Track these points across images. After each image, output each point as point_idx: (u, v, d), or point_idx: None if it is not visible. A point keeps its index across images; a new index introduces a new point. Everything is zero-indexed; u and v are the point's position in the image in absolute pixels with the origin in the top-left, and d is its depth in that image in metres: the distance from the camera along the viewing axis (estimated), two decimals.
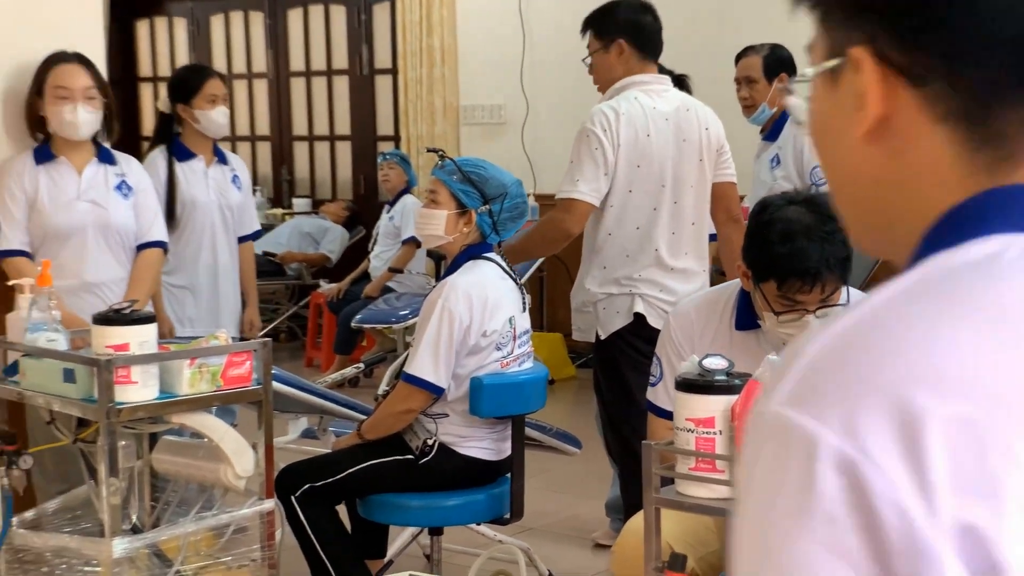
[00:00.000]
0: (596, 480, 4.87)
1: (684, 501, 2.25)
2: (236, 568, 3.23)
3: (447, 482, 3.59)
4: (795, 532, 0.73)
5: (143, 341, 2.85)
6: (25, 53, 3.91)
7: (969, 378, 0.74)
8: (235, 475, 3.03)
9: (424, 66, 8.65)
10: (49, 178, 3.86)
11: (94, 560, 3.01)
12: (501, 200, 3.56)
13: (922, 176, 0.85)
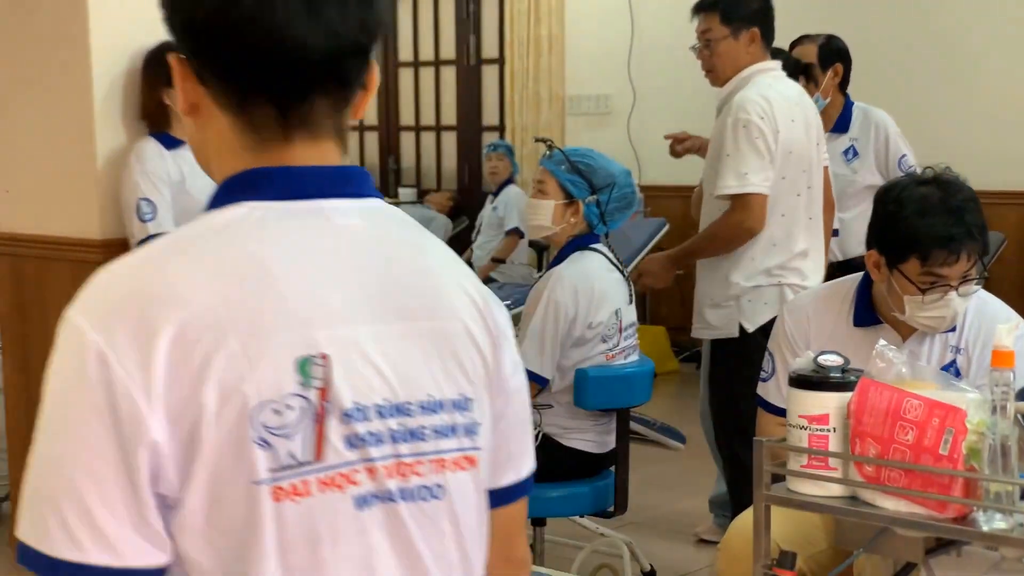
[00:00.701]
0: (699, 475, 4.82)
1: (795, 498, 2.20)
2: None
3: (550, 473, 3.57)
4: (71, 395, 1.13)
5: None
6: (134, 43, 3.98)
7: (189, 300, 1.13)
8: None
9: (531, 56, 8.64)
10: (184, 161, 3.94)
11: None
12: (609, 190, 3.53)
13: (221, 147, 1.27)
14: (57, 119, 4.05)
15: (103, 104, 3.95)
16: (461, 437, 1.26)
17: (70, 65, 3.98)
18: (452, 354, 1.26)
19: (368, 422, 1.19)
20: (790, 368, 2.26)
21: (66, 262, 4.06)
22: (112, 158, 3.99)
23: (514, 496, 1.38)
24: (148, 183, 3.88)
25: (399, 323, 1.23)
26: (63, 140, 4.05)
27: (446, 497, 1.24)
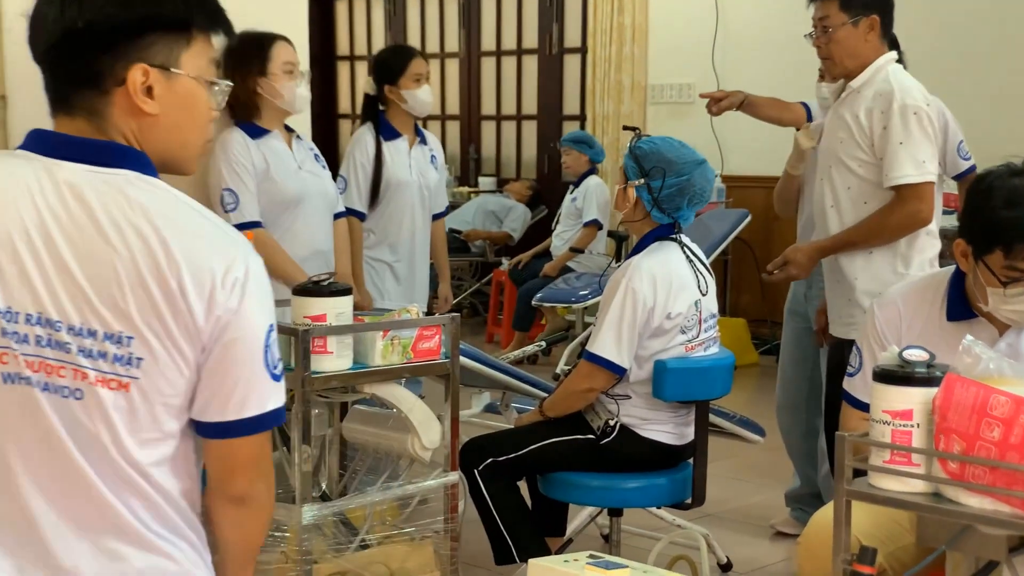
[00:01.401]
0: (777, 469, 4.79)
1: (876, 494, 2.19)
2: (419, 539, 3.28)
3: (628, 464, 3.58)
4: None
5: (339, 312, 2.92)
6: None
7: None
8: (422, 446, 3.08)
9: (614, 44, 8.61)
10: (269, 150, 3.99)
11: (283, 525, 3.09)
12: (662, 175, 3.50)
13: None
14: None
15: None
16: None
17: None
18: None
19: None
20: (876, 363, 2.24)
21: None
22: None
23: (222, 433, 1.61)
24: (231, 173, 3.92)
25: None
26: None
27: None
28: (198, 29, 1.66)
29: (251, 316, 1.59)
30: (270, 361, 1.61)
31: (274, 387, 1.62)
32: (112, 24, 1.59)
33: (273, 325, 1.63)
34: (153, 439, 1.60)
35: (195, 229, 1.60)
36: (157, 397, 1.58)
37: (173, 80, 1.64)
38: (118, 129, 1.63)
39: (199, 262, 1.57)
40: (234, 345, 1.59)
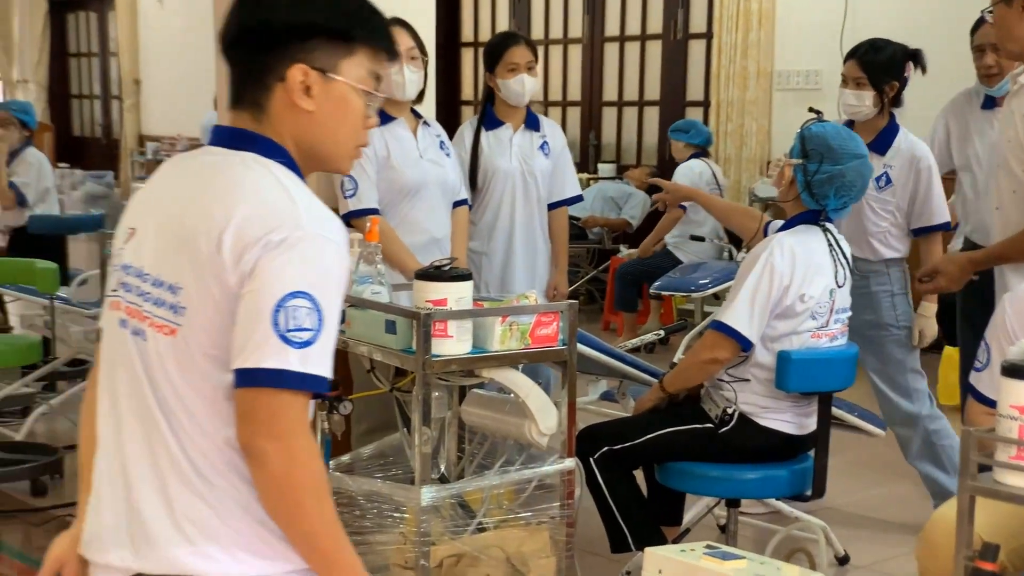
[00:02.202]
0: (898, 463, 4.70)
1: (1001, 490, 2.15)
2: (535, 524, 3.30)
3: (746, 454, 3.55)
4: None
5: (460, 297, 2.95)
6: None
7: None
8: (539, 432, 3.10)
9: (740, 30, 8.52)
10: (392, 137, 4.04)
11: (403, 506, 3.14)
12: (819, 160, 3.47)
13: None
14: None
15: None
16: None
17: None
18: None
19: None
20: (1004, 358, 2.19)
21: None
22: None
23: (235, 381, 1.69)
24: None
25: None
26: None
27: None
28: (360, 41, 1.81)
29: (270, 275, 1.67)
30: (280, 322, 1.65)
31: (279, 347, 1.65)
32: (281, 25, 1.77)
33: (302, 293, 1.66)
34: (203, 387, 1.72)
35: (262, 197, 1.72)
36: (197, 346, 1.71)
37: (330, 83, 1.79)
38: (276, 121, 1.80)
39: (245, 224, 1.69)
40: (247, 297, 1.68)
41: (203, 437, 1.73)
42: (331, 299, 1.70)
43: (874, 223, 4.34)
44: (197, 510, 1.73)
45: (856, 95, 4.32)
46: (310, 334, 1.66)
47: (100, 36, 15.43)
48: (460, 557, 3.18)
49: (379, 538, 3.26)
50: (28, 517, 4.51)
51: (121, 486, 1.79)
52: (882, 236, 4.36)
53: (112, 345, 1.84)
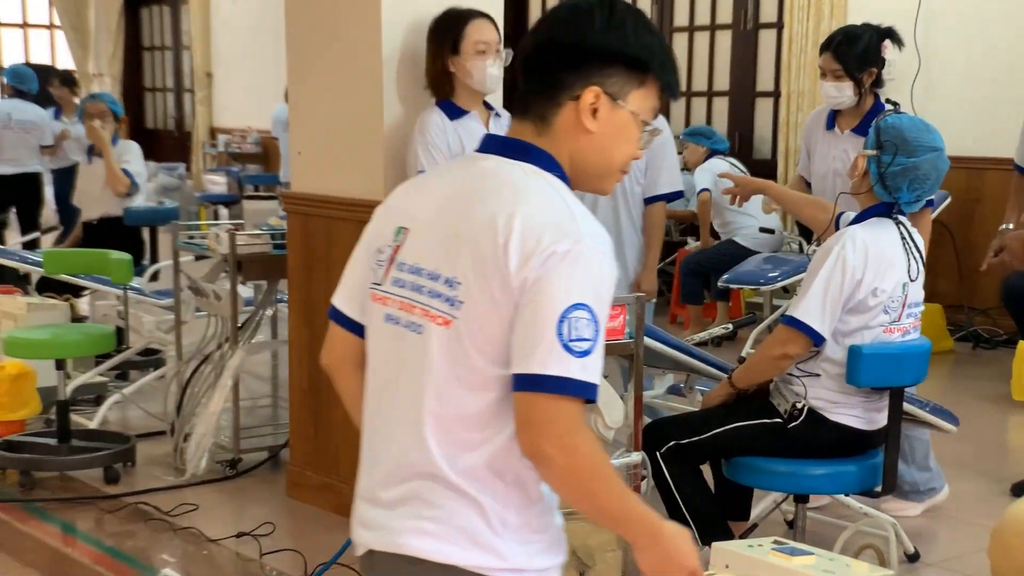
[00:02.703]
0: (969, 459, 4.64)
1: None
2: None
3: (815, 449, 3.52)
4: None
5: None
6: (423, 13, 4.10)
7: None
8: (605, 425, 3.09)
9: (811, 20, 8.43)
10: (465, 131, 4.04)
11: None
12: (893, 152, 3.43)
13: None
14: (348, 87, 4.24)
15: (390, 73, 4.10)
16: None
17: (361, 35, 4.14)
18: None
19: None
20: None
21: (351, 222, 4.25)
22: (397, 124, 4.14)
23: (514, 385, 1.76)
24: (426, 155, 3.96)
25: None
26: (352, 107, 4.23)
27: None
28: (653, 75, 1.90)
29: (555, 286, 1.74)
30: (564, 332, 1.72)
31: (563, 356, 1.73)
32: (591, 47, 1.85)
33: (583, 305, 1.74)
34: (470, 382, 1.81)
35: (543, 206, 1.80)
36: (471, 340, 1.79)
37: (617, 110, 1.87)
38: (558, 137, 1.88)
39: (529, 232, 1.76)
40: (532, 306, 1.74)
41: (466, 428, 1.82)
42: (605, 310, 1.79)
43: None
44: (460, 507, 1.82)
45: (836, 87, 4.38)
46: (589, 344, 1.75)
47: (173, 30, 15.63)
48: None
49: None
50: (101, 504, 4.58)
51: (396, 472, 1.88)
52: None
53: (379, 338, 1.93)
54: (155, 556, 4.09)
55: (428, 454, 1.83)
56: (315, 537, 4.22)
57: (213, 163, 14.21)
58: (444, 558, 1.82)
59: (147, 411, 5.69)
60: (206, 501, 4.60)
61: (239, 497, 4.72)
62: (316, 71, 4.35)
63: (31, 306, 5.67)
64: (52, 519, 4.46)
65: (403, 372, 1.87)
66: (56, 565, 4.21)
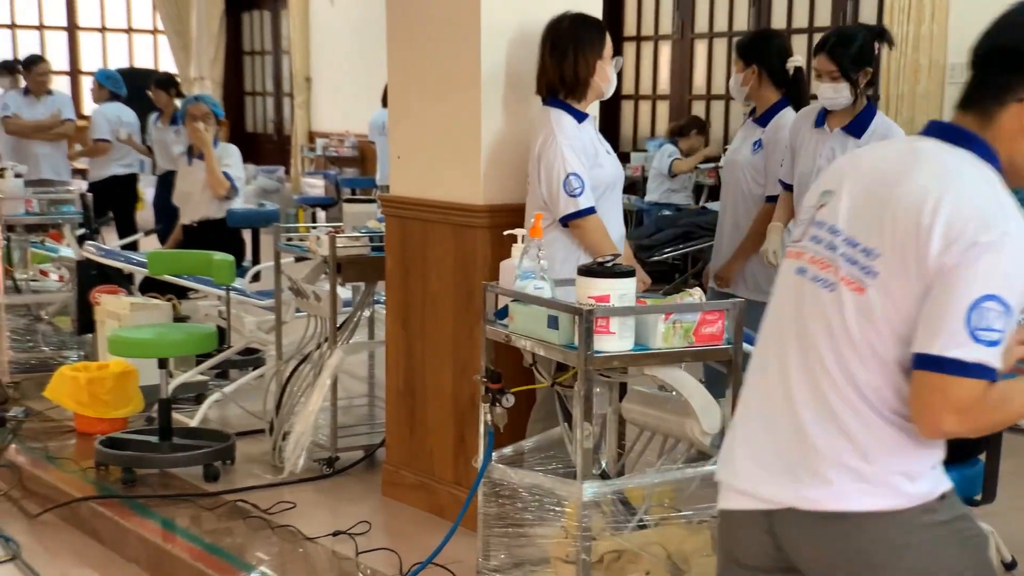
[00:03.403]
0: None
1: None
2: (696, 523, 3.28)
3: None
4: None
5: (623, 294, 2.95)
6: (523, 16, 4.11)
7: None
8: (701, 431, 3.08)
9: (912, 22, 8.29)
10: (587, 136, 4.02)
11: (565, 500, 3.16)
12: None
13: None
14: (447, 91, 4.26)
15: (490, 77, 4.12)
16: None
17: (461, 40, 4.16)
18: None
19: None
20: None
21: (449, 225, 4.29)
22: (496, 128, 4.15)
23: (914, 363, 1.84)
24: (574, 157, 3.90)
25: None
26: (451, 111, 4.25)
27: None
28: None
29: (971, 274, 1.80)
30: (972, 320, 1.79)
31: (968, 342, 1.79)
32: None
33: (996, 296, 1.80)
34: (869, 350, 1.90)
35: (972, 194, 1.85)
36: (881, 311, 1.88)
37: None
38: (998, 133, 1.95)
39: (956, 218, 1.81)
40: (945, 290, 1.81)
41: (867, 388, 1.91)
42: (1018, 302, 1.83)
43: None
44: (851, 449, 1.92)
45: (833, 88, 4.34)
46: (997, 335, 1.81)
47: (273, 35, 15.87)
48: (621, 553, 3.19)
49: (540, 531, 3.29)
50: (200, 501, 4.66)
51: (782, 421, 1.99)
52: None
53: (785, 288, 2.06)
54: (252, 553, 4.15)
55: (817, 408, 1.93)
56: (410, 536, 4.25)
57: (311, 166, 14.40)
58: (844, 506, 1.92)
59: (246, 409, 5.79)
60: (303, 499, 4.66)
61: (335, 495, 4.77)
62: (416, 76, 4.39)
63: (135, 306, 5.80)
64: (153, 515, 4.55)
65: (807, 324, 1.97)
66: (157, 561, 4.29)
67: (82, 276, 6.30)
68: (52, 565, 4.36)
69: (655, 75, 10.92)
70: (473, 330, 4.16)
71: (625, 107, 11.07)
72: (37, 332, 6.51)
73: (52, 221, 6.59)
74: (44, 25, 15.97)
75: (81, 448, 5.31)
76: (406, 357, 4.56)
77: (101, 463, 4.98)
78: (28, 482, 5.05)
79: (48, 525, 4.73)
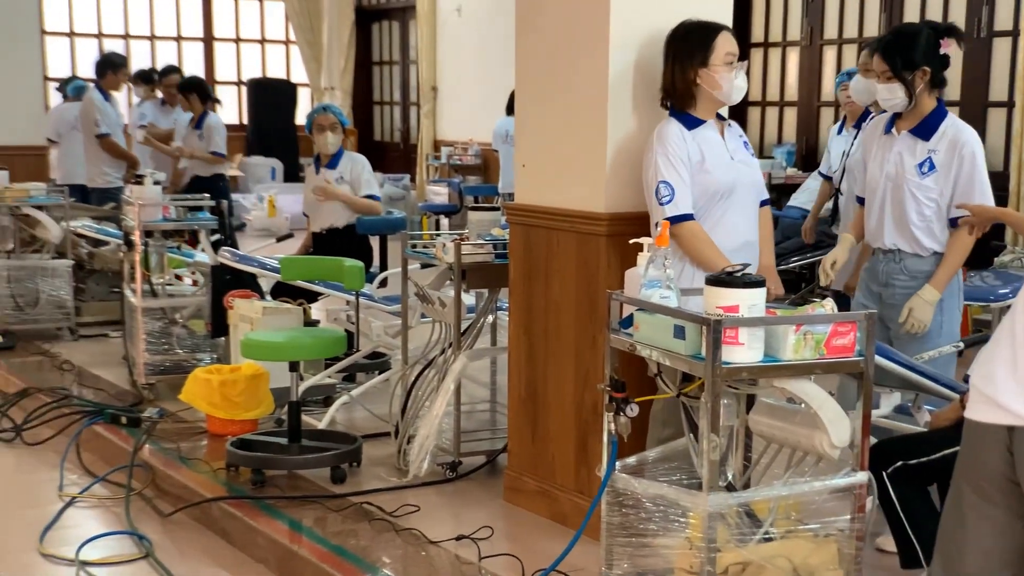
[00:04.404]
0: None
1: None
2: (823, 536, 3.23)
3: None
4: None
5: (752, 304, 2.91)
6: (652, 25, 4.10)
7: None
8: (830, 444, 3.03)
9: None
10: (703, 141, 4.03)
11: (689, 512, 3.13)
12: None
13: None
14: (574, 100, 4.27)
15: (618, 86, 4.12)
16: None
17: (590, 49, 4.18)
18: None
19: None
20: None
21: (572, 233, 4.30)
22: (622, 137, 4.15)
23: None
24: (668, 166, 3.94)
25: None
26: (578, 120, 4.26)
27: None
28: None
29: None
30: None
31: None
32: None
33: None
34: None
35: None
36: None
37: None
38: None
39: None
40: None
41: None
42: None
43: (917, 212, 4.24)
44: None
45: (888, 88, 4.22)
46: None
47: (401, 45, 16.09)
48: (745, 565, 3.15)
49: (664, 542, 3.26)
50: (327, 503, 4.74)
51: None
52: (926, 226, 4.24)
53: None
54: (377, 556, 4.21)
55: None
56: (532, 542, 4.26)
57: (435, 174, 14.55)
58: None
59: (372, 412, 5.87)
60: (427, 503, 4.71)
61: (458, 500, 4.81)
62: (543, 84, 4.41)
63: (267, 310, 5.93)
64: (281, 516, 4.63)
65: None
66: (284, 561, 4.37)
67: (216, 281, 6.45)
68: (183, 564, 4.47)
69: (783, 81, 10.79)
70: (596, 338, 4.16)
71: (752, 113, 10.95)
72: (172, 335, 6.67)
73: (188, 227, 6.77)
74: (182, 36, 16.43)
75: (213, 449, 5.45)
76: (528, 363, 4.58)
77: (231, 464, 5.09)
78: (161, 481, 5.19)
79: (180, 524, 4.85)
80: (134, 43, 16.02)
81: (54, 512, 4.96)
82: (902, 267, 4.25)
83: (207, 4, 16.52)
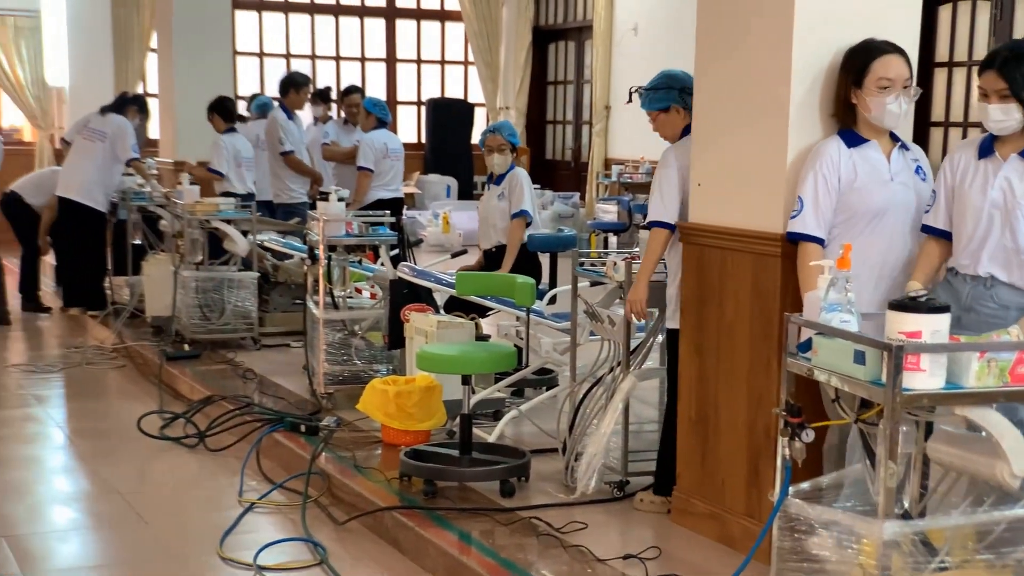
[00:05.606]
0: None
1: None
2: (999, 567, 3.14)
3: None
4: None
5: (935, 330, 2.86)
6: (837, 41, 4.06)
7: None
8: (1011, 473, 2.95)
9: None
10: (862, 159, 3.99)
11: (863, 538, 3.08)
12: None
13: None
14: (753, 119, 4.25)
15: (800, 101, 4.09)
16: None
17: (770, 68, 4.15)
18: None
19: None
20: None
21: (747, 254, 4.26)
22: (803, 154, 4.10)
23: None
24: (813, 181, 3.97)
25: None
26: (757, 139, 4.23)
27: None
28: None
29: None
30: None
31: None
32: None
33: None
34: None
35: None
36: None
37: None
38: None
39: None
40: None
41: None
42: None
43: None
44: None
45: (1002, 109, 3.75)
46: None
47: (576, 64, 16.21)
48: None
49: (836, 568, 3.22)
50: (496, 516, 4.79)
51: None
52: None
53: None
54: (543, 571, 4.24)
55: None
56: (699, 564, 4.24)
57: (605, 192, 14.59)
58: None
59: (540, 428, 5.92)
60: (594, 520, 4.72)
61: (625, 519, 4.81)
62: (724, 102, 4.40)
63: (441, 324, 6.04)
64: (451, 527, 4.70)
65: None
66: (454, 572, 4.43)
67: (395, 294, 6.60)
68: (355, 572, 4.57)
69: (966, 102, 10.49)
70: (770, 361, 4.12)
71: (934, 134, 10.67)
72: (351, 346, 6.86)
73: (369, 242, 6.94)
74: (365, 57, 16.88)
75: (386, 459, 5.57)
76: (699, 385, 4.56)
77: (405, 474, 5.19)
78: (336, 490, 5.33)
79: (353, 532, 4.97)
80: (320, 63, 16.54)
81: (234, 517, 5.13)
82: (992, 294, 3.97)
83: (391, 25, 16.94)
